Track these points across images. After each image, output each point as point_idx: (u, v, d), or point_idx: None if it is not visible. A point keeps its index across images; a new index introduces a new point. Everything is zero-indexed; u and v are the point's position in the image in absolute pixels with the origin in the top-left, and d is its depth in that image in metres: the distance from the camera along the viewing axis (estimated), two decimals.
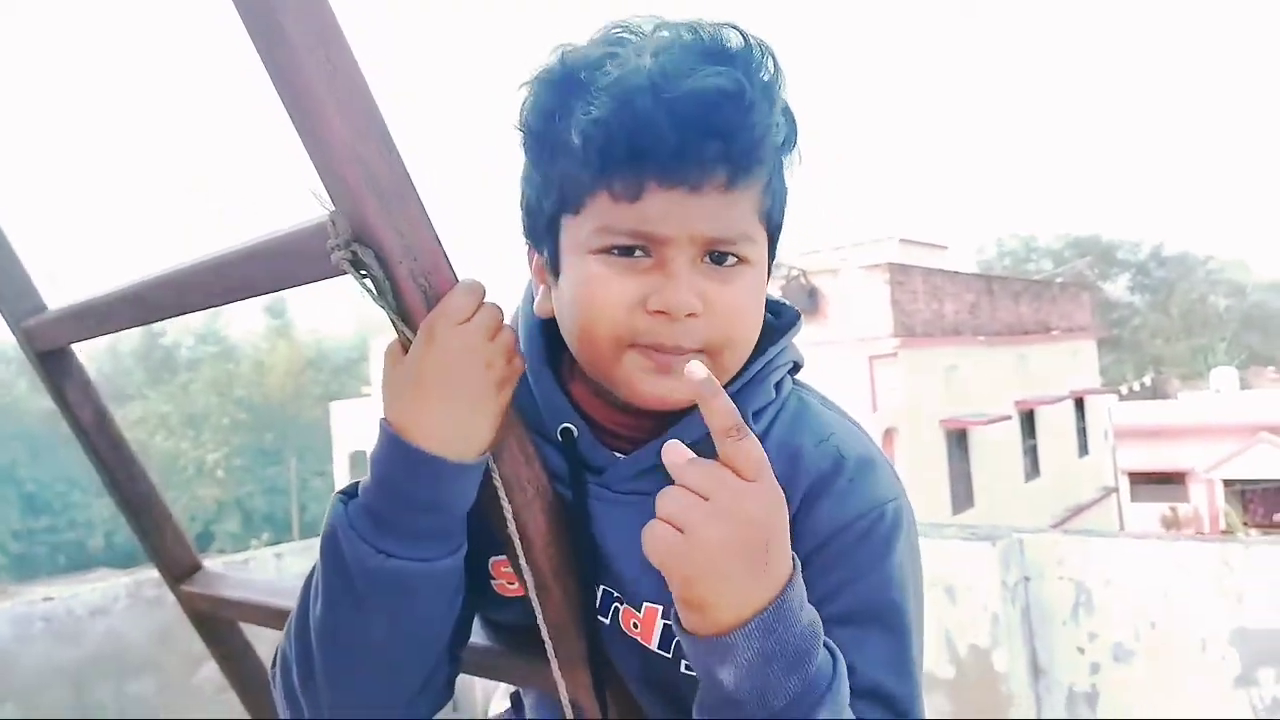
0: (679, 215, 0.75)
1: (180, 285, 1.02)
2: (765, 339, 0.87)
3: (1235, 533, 21.70)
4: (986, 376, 16.69)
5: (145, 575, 2.70)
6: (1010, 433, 17.48)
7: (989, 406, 16.32)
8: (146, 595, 2.75)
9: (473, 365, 0.76)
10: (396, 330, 0.78)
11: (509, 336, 0.79)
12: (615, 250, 0.77)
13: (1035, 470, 18.67)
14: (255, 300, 1.00)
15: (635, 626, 0.86)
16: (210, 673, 2.55)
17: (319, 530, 0.83)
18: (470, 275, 0.79)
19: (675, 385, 0.79)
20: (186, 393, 42.68)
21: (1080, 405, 21.09)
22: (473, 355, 0.75)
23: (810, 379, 0.96)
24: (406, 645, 0.82)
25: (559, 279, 0.83)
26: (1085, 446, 21.40)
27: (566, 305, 0.82)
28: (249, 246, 0.89)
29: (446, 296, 0.75)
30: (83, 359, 1.37)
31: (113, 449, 1.38)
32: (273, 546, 3.56)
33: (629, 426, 0.87)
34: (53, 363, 1.33)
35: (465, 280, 0.77)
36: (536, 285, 0.90)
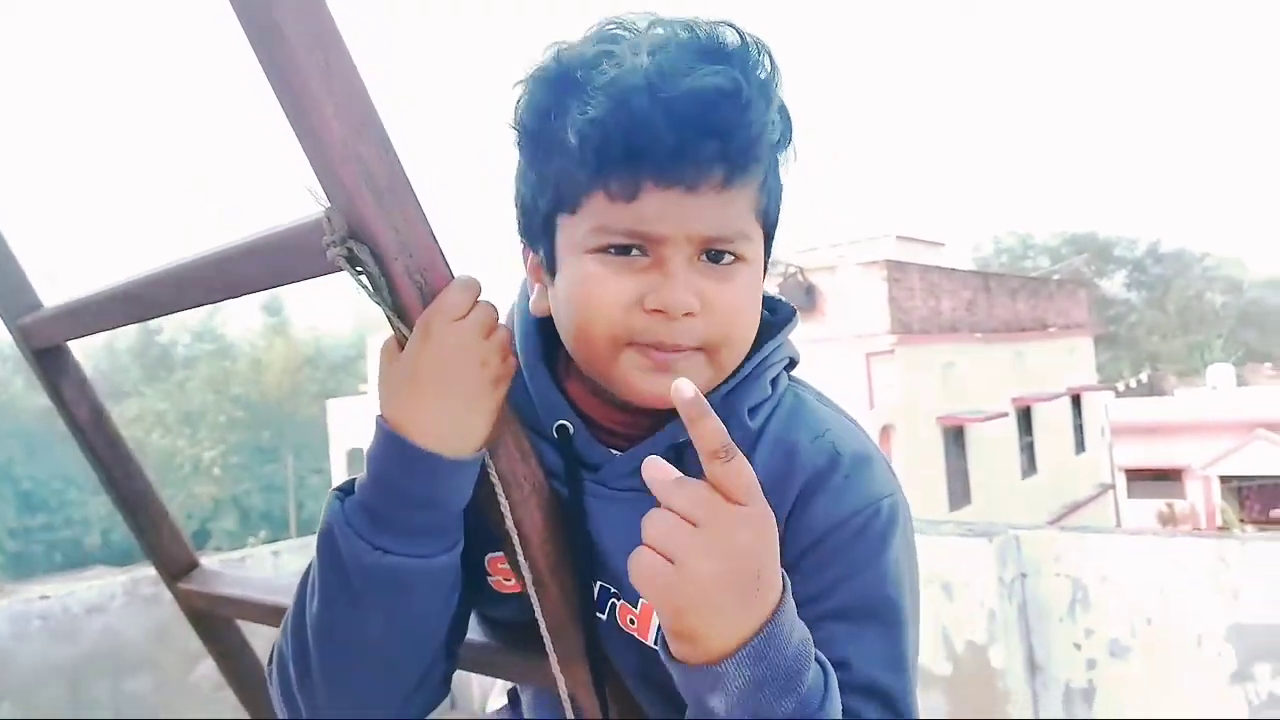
0: (676, 214, 0.75)
1: (176, 282, 1.02)
2: (761, 336, 0.86)
3: (1232, 529, 21.76)
4: (984, 373, 16.70)
5: (142, 573, 2.70)
6: (1007, 430, 17.50)
7: (986, 403, 16.33)
8: (143, 593, 2.75)
9: (468, 362, 0.76)
10: (392, 327, 0.77)
11: (504, 334, 0.79)
12: (612, 249, 0.77)
13: (1032, 467, 18.68)
14: (252, 298, 1.01)
15: (632, 623, 0.87)
16: (207, 670, 2.55)
17: (316, 528, 0.83)
18: (466, 272, 0.79)
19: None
20: (183, 390, 42.63)
21: (1077, 402, 21.11)
22: (468, 352, 0.75)
23: (808, 376, 0.96)
24: (403, 642, 0.82)
25: (555, 278, 0.83)
26: (1082, 443, 21.43)
27: (563, 304, 0.82)
28: (245, 243, 0.89)
29: (442, 293, 0.75)
30: (79, 356, 1.36)
31: (109, 446, 1.38)
32: (270, 544, 3.56)
33: (625, 424, 0.87)
34: (49, 360, 1.33)
35: (461, 277, 0.77)
36: (532, 284, 0.90)
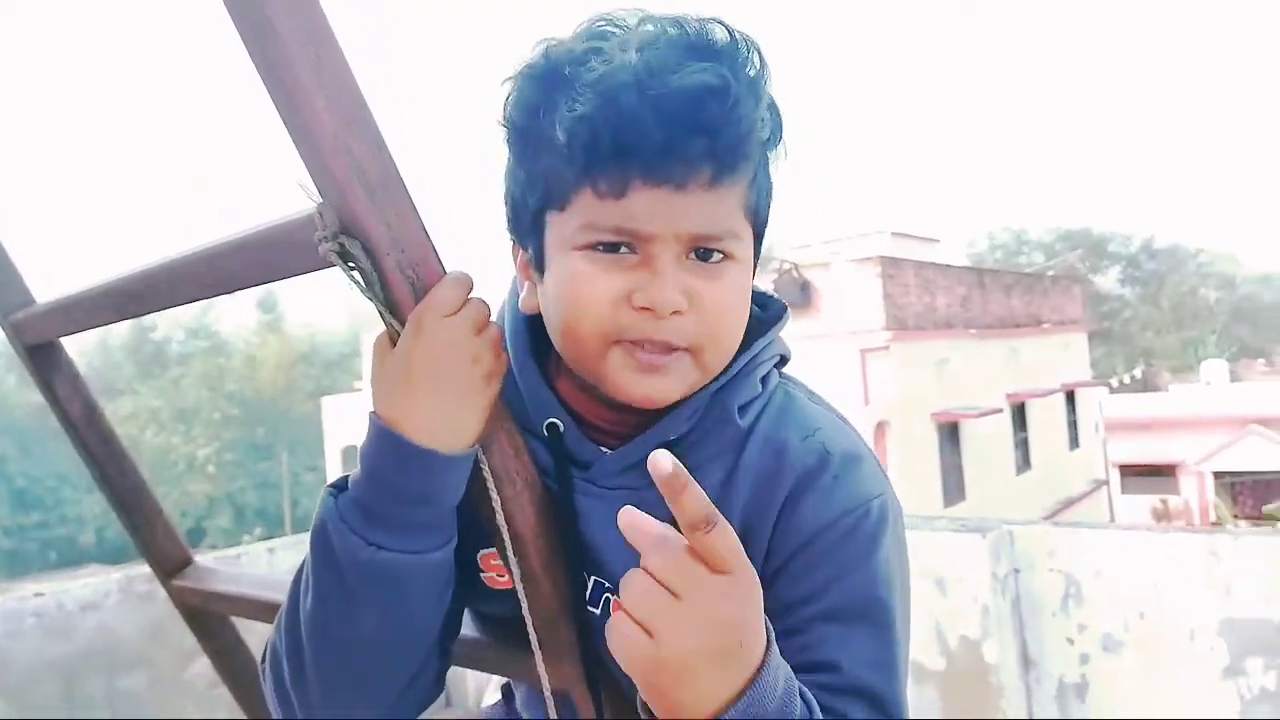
0: (664, 212, 0.75)
1: (168, 277, 1.02)
2: (752, 333, 0.86)
3: (1225, 524, 21.82)
4: (978, 369, 16.73)
5: (136, 570, 2.70)
6: (1002, 426, 17.53)
7: (980, 399, 16.36)
8: (137, 590, 2.75)
9: (460, 358, 0.76)
10: (385, 323, 0.77)
11: (496, 330, 0.79)
12: (600, 247, 0.77)
13: (1026, 463, 18.73)
14: (246, 294, 1.01)
15: None
16: (202, 668, 2.55)
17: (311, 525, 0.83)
18: (459, 268, 0.78)
19: (661, 385, 0.79)
20: (177, 387, 42.51)
21: (1071, 398, 21.15)
22: (460, 348, 0.75)
23: (802, 372, 0.96)
24: (397, 638, 0.82)
25: (544, 275, 0.83)
26: (1076, 439, 21.47)
27: (551, 301, 0.82)
28: (237, 239, 0.89)
29: (434, 289, 0.75)
30: (72, 353, 1.36)
31: (103, 444, 1.37)
32: (265, 541, 3.56)
33: (615, 422, 0.87)
34: (42, 357, 1.32)
35: (453, 272, 0.77)
36: (521, 281, 0.90)
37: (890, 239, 19.72)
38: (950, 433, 16.15)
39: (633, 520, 0.67)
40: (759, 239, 0.85)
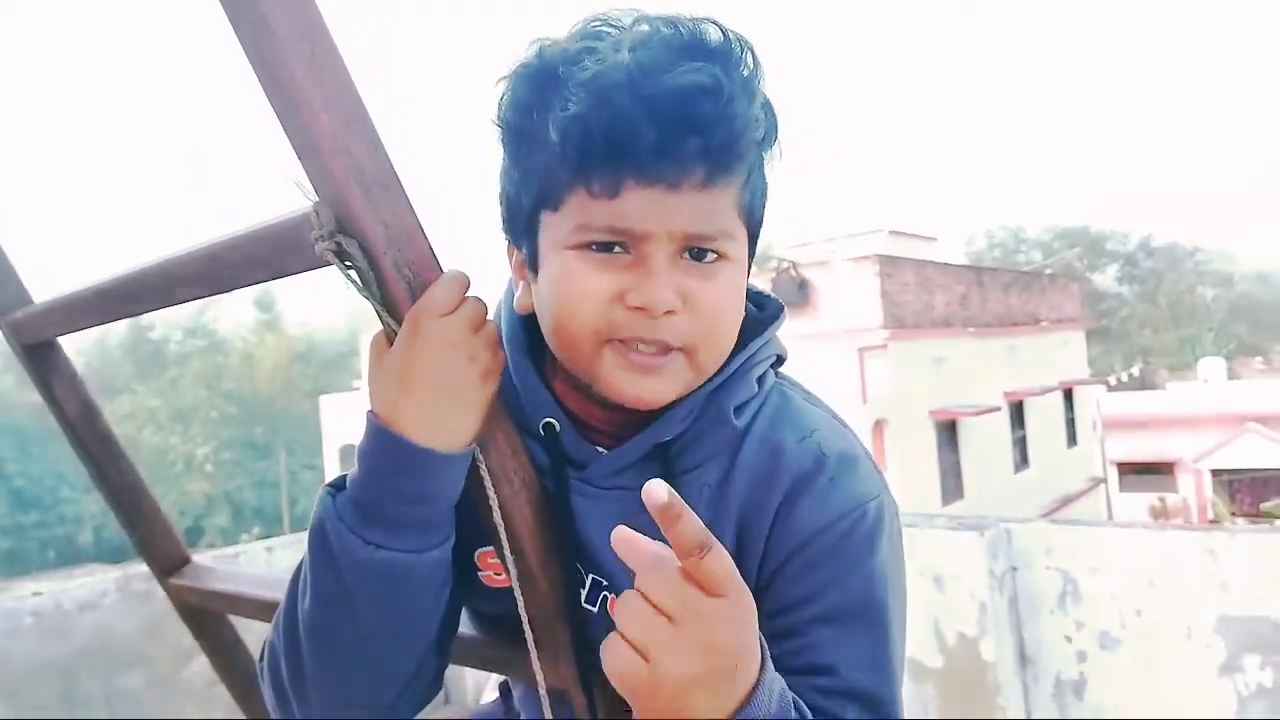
0: (658, 212, 0.75)
1: (166, 277, 1.02)
2: (748, 332, 0.86)
3: (1223, 522, 21.85)
4: (976, 368, 16.74)
5: (134, 570, 2.70)
6: (999, 424, 17.54)
7: (978, 398, 16.37)
8: (136, 589, 2.75)
9: (457, 357, 0.76)
10: (382, 322, 0.78)
11: (493, 329, 0.79)
12: (594, 246, 0.77)
13: (1024, 461, 18.74)
14: (244, 293, 1.01)
15: None
16: (200, 667, 2.55)
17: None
18: (457, 267, 0.78)
19: (654, 386, 0.79)
20: (175, 387, 42.46)
21: (1069, 396, 21.16)
22: (457, 347, 0.76)
23: (800, 371, 0.96)
24: (395, 637, 0.82)
25: (538, 275, 0.83)
26: (1074, 437, 21.48)
27: (545, 301, 0.81)
28: (234, 238, 0.89)
29: (431, 288, 0.75)
30: (70, 352, 1.36)
31: (100, 443, 1.37)
32: (264, 540, 3.56)
33: (610, 422, 0.87)
34: (39, 356, 1.32)
35: (450, 271, 0.77)
36: (516, 281, 0.90)
37: (888, 237, 19.72)
38: (948, 431, 16.16)
39: (627, 539, 0.67)
40: (754, 239, 0.85)
